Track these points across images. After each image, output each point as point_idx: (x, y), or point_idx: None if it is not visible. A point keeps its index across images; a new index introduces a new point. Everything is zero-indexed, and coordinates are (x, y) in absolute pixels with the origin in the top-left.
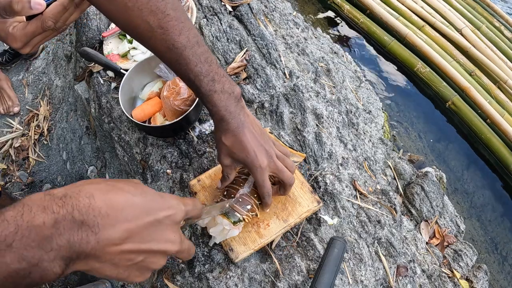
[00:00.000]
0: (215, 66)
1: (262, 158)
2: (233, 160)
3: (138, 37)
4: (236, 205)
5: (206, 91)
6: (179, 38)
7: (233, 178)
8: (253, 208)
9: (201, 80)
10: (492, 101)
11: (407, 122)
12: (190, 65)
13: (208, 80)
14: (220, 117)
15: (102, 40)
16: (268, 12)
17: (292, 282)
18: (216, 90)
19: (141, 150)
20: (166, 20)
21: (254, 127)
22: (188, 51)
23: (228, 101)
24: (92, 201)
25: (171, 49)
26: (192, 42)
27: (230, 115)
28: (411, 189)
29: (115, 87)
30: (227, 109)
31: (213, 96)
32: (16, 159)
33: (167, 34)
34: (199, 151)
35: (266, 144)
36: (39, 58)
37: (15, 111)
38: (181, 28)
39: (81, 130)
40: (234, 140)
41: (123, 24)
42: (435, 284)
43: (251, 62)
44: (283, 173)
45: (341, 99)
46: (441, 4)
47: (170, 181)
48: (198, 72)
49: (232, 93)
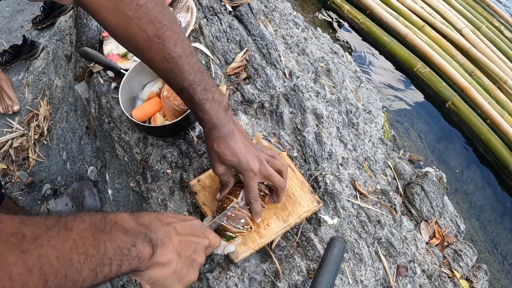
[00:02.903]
0: (206, 76)
1: (254, 162)
2: (226, 166)
3: (136, 47)
4: (225, 224)
5: (199, 100)
6: (174, 48)
7: (233, 184)
8: (247, 221)
9: (194, 88)
10: (492, 101)
11: (407, 122)
12: (184, 74)
13: (201, 89)
14: (212, 125)
15: (102, 40)
16: (268, 12)
17: (292, 282)
18: (208, 99)
19: (141, 150)
20: (163, 30)
21: (243, 134)
22: (183, 61)
23: (218, 109)
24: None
25: (167, 58)
26: (187, 52)
27: (220, 123)
28: (411, 189)
29: (115, 87)
30: (218, 117)
31: (205, 104)
32: (16, 159)
33: (164, 44)
34: (199, 151)
35: (256, 150)
36: (39, 58)
37: (15, 110)
38: (177, 38)
39: (81, 130)
40: (225, 146)
41: (122, 35)
42: (435, 284)
43: (251, 62)
44: (274, 177)
45: (341, 99)
46: (441, 4)
47: (170, 181)
48: (192, 81)
49: (221, 102)
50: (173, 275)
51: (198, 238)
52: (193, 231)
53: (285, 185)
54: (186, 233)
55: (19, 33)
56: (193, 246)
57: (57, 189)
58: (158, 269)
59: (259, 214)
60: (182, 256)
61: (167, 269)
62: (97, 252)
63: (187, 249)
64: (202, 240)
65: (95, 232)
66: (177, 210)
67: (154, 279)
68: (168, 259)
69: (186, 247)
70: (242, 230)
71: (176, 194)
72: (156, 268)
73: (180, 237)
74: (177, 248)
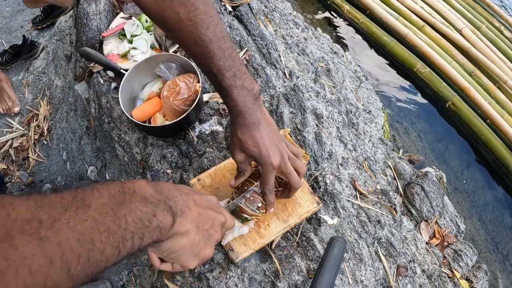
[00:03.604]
0: (238, 62)
1: (275, 156)
2: (246, 154)
3: (168, 28)
4: (243, 206)
5: (227, 86)
6: (206, 32)
7: (249, 174)
8: (263, 206)
9: (223, 74)
10: (492, 101)
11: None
12: (214, 59)
13: (230, 75)
14: (238, 112)
15: (102, 40)
16: (268, 12)
17: (292, 282)
18: (237, 86)
19: (141, 150)
20: (195, 13)
21: (269, 125)
22: (213, 45)
23: (246, 97)
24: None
25: (198, 42)
26: (218, 37)
27: (247, 111)
28: (411, 189)
29: (115, 87)
30: (245, 104)
31: (233, 91)
32: (16, 159)
33: (195, 27)
34: (199, 151)
35: (280, 144)
36: (39, 58)
37: (15, 111)
38: (209, 22)
39: (81, 130)
40: (249, 135)
41: (155, 15)
42: (435, 284)
43: (251, 62)
44: (292, 176)
45: (341, 99)
46: (441, 4)
47: (170, 181)
48: (221, 66)
49: (251, 90)
50: (190, 248)
51: (216, 213)
52: (210, 205)
53: (299, 185)
54: (204, 205)
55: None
56: (210, 220)
57: (57, 189)
58: (177, 239)
59: (273, 205)
60: (200, 229)
61: (185, 240)
62: (118, 228)
63: (205, 222)
64: (219, 215)
65: (114, 206)
66: None
67: (171, 250)
68: (187, 229)
69: (204, 219)
70: (257, 213)
71: None
72: (174, 238)
73: (198, 209)
74: (196, 220)
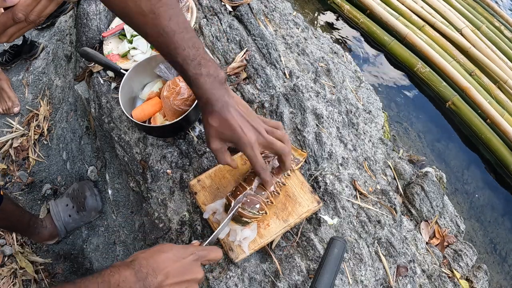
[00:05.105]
0: (202, 51)
1: (249, 134)
2: (221, 141)
3: (133, 22)
4: (242, 211)
5: (193, 74)
6: (169, 24)
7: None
8: (262, 206)
9: (188, 64)
10: (492, 101)
11: (407, 122)
12: (178, 50)
13: (195, 64)
14: (206, 99)
15: (102, 40)
16: (268, 12)
17: (292, 282)
18: (202, 74)
19: (141, 150)
20: (158, 6)
21: (239, 106)
22: (177, 36)
23: (213, 84)
24: (144, 264)
25: (162, 34)
26: (181, 28)
27: (214, 97)
28: (411, 189)
29: (115, 87)
30: (212, 91)
31: (199, 79)
32: (16, 159)
33: (159, 19)
34: (199, 151)
35: (253, 121)
36: (39, 58)
37: (15, 112)
38: (171, 14)
39: (81, 130)
40: (220, 120)
41: (119, 10)
42: (435, 284)
43: (251, 62)
44: (274, 144)
45: (341, 99)
46: (441, 4)
47: (170, 181)
48: (185, 56)
49: (217, 76)
50: None
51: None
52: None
53: (288, 150)
54: (179, 278)
55: None
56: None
57: (57, 189)
58: None
59: (270, 183)
60: None
61: None
62: None
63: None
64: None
65: None
66: (177, 210)
67: None
68: None
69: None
70: (257, 215)
71: (176, 194)
72: None
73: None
74: None
